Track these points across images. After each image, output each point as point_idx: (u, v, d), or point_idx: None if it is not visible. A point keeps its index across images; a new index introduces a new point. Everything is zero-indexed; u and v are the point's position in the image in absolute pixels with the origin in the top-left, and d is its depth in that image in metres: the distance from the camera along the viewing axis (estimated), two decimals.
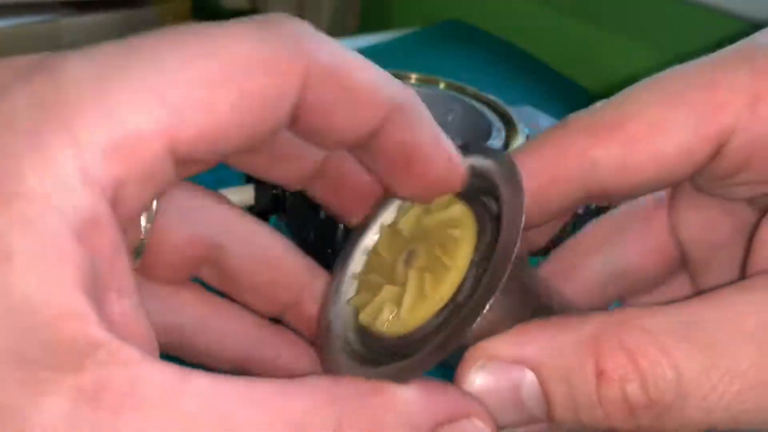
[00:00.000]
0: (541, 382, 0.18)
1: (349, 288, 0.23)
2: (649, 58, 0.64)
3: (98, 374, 0.14)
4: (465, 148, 0.21)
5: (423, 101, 0.36)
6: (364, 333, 0.21)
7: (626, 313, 0.18)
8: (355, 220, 0.24)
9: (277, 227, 0.36)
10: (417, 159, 0.20)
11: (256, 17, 0.18)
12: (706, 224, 0.24)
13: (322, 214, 0.29)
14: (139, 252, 0.23)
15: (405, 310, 0.20)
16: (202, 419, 0.14)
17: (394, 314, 0.20)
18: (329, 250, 0.29)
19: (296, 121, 0.18)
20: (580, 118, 0.22)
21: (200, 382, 0.15)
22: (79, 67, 0.16)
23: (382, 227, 0.23)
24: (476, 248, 0.20)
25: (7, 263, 0.14)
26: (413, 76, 0.36)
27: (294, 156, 0.23)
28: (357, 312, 0.22)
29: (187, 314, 0.24)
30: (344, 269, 0.23)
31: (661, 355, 0.17)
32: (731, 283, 0.19)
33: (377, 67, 0.19)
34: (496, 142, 0.32)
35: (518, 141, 0.32)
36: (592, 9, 0.70)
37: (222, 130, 0.16)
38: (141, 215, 0.17)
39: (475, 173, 0.21)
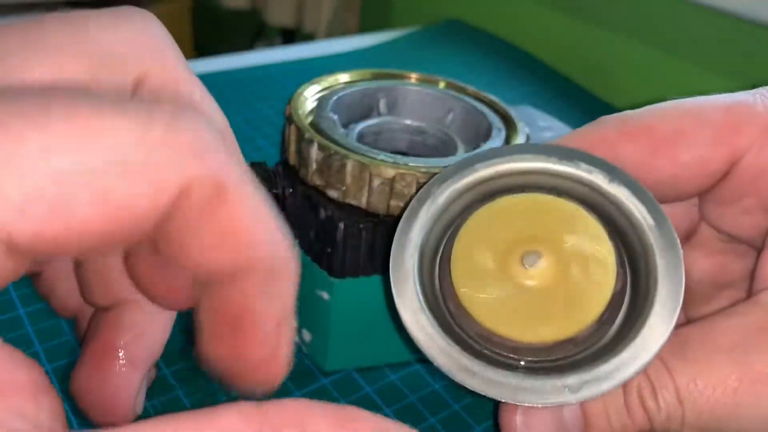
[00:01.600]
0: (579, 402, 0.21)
1: (426, 236, 0.22)
2: (650, 57, 0.64)
3: None
4: (609, 171, 0.22)
5: (423, 101, 0.36)
6: (453, 302, 0.22)
7: None
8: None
9: None
10: (246, 326, 0.17)
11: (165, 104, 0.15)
12: (718, 267, 0.27)
13: (322, 214, 0.29)
14: None
15: (536, 321, 0.21)
16: None
17: (514, 316, 0.21)
18: (329, 250, 0.29)
19: (155, 238, 0.15)
20: (613, 117, 0.24)
21: None
22: None
23: (495, 200, 0.22)
24: (615, 282, 0.21)
25: None
26: (413, 76, 0.36)
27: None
28: (445, 277, 0.22)
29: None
30: (416, 218, 0.22)
31: (662, 369, 0.21)
32: (721, 310, 0.22)
33: (269, 212, 0.16)
34: (496, 142, 0.32)
35: (518, 141, 0.32)
36: (593, 9, 0.70)
37: (72, 235, 0.14)
38: None
39: (606, 197, 0.22)
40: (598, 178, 0.21)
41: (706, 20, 0.61)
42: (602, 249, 0.21)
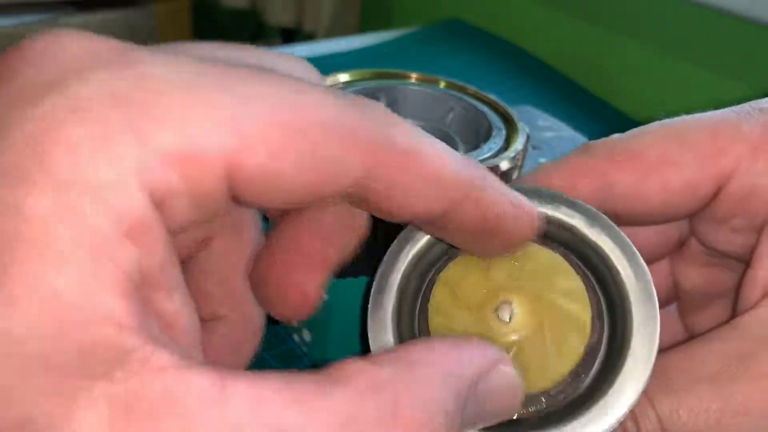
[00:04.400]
0: None
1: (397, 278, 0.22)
2: (650, 57, 0.64)
3: (131, 383, 0.14)
4: (592, 217, 0.22)
5: (423, 101, 0.36)
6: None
7: None
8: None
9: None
10: (497, 229, 0.20)
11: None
12: (708, 278, 0.27)
13: None
14: None
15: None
16: (246, 426, 0.14)
17: None
18: None
19: (359, 195, 0.18)
20: (600, 144, 0.24)
21: (239, 385, 0.14)
22: (164, 71, 0.15)
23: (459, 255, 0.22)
24: (590, 334, 0.21)
25: (47, 257, 0.13)
26: (413, 76, 0.36)
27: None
28: (423, 323, 0.22)
29: None
30: (396, 263, 0.22)
31: (644, 399, 0.21)
32: (700, 335, 0.22)
33: (452, 151, 0.19)
34: (496, 141, 0.32)
35: (518, 141, 0.32)
36: (593, 9, 0.70)
37: (281, 178, 0.16)
38: (185, 232, 0.17)
39: (586, 243, 0.22)
40: (579, 223, 0.22)
41: (707, 20, 0.61)
42: (579, 301, 0.21)
